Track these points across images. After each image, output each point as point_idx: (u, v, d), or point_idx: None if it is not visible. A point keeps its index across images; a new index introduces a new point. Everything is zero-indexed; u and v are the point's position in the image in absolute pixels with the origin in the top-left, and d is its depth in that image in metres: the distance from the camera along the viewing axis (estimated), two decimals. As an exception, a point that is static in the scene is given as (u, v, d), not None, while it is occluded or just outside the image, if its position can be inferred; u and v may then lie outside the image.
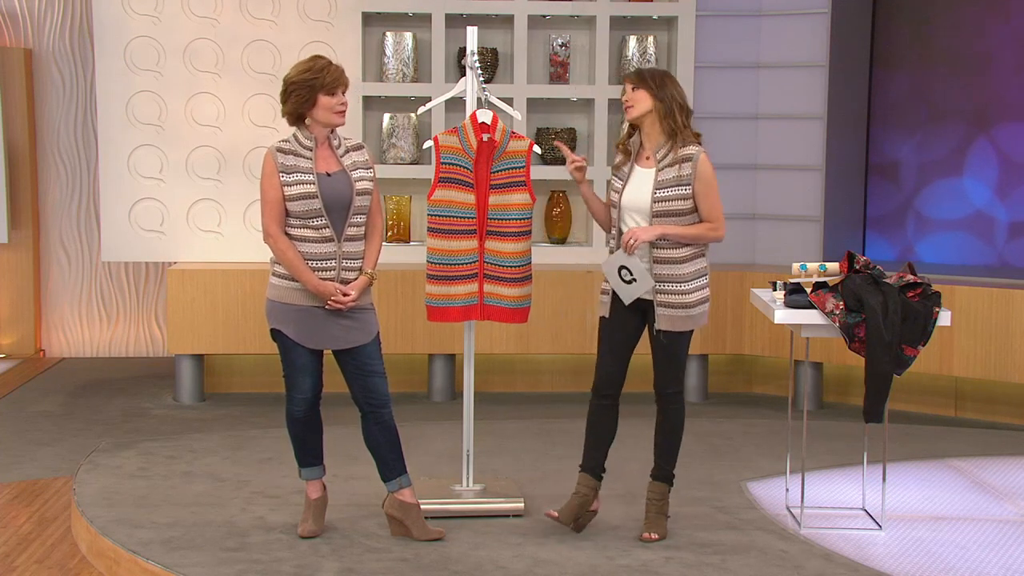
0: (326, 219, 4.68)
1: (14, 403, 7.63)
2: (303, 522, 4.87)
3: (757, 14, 8.14)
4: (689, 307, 4.75)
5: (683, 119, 4.77)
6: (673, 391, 4.87)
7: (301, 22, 7.84)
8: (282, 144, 4.73)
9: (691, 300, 4.76)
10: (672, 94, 4.75)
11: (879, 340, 4.82)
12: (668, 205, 4.73)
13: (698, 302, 4.78)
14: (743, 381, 8.23)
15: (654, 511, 4.90)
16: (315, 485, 4.90)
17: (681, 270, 4.75)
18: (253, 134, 7.85)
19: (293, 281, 4.72)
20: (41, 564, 4.90)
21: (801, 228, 8.07)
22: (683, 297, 4.75)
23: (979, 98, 7.90)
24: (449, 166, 5.08)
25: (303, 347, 4.74)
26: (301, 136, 4.72)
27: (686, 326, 4.78)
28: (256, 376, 7.95)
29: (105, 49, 7.77)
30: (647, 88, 4.76)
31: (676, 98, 4.76)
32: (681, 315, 4.75)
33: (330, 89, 4.66)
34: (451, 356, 7.79)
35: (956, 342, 7.17)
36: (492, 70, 7.97)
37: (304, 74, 4.65)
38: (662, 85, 4.76)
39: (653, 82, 4.77)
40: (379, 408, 4.80)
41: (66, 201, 9.08)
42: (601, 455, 4.95)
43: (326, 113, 4.67)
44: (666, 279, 4.75)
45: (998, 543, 5.00)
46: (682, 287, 4.75)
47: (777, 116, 8.15)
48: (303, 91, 4.64)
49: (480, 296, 5.13)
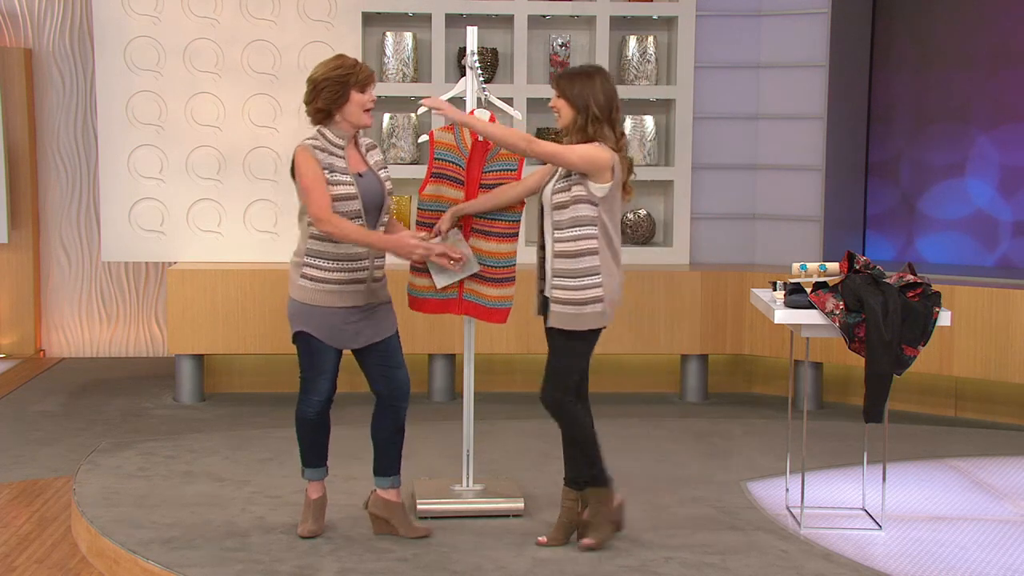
0: (364, 220, 4.66)
1: (14, 403, 7.63)
2: (303, 522, 4.87)
3: (757, 14, 8.14)
4: (578, 304, 4.58)
5: (596, 127, 4.58)
6: (557, 396, 4.66)
7: (301, 22, 7.84)
8: (313, 141, 4.65)
9: (580, 297, 4.57)
10: (586, 96, 4.57)
11: (879, 340, 4.82)
12: (558, 197, 4.63)
13: (588, 300, 4.57)
14: (743, 381, 8.23)
15: (591, 516, 4.73)
16: (317, 485, 4.90)
17: (564, 265, 4.58)
18: (253, 134, 7.85)
19: (321, 283, 4.65)
20: (41, 564, 4.90)
21: (801, 228, 8.07)
22: (571, 293, 4.58)
23: (979, 97, 7.90)
24: (442, 162, 5.08)
25: (331, 349, 4.72)
26: (331, 134, 4.67)
27: (566, 324, 4.59)
28: (256, 376, 7.96)
29: (105, 49, 7.77)
30: (562, 95, 4.62)
31: (591, 102, 4.56)
32: (570, 312, 4.59)
33: (363, 85, 4.65)
34: (451, 356, 7.79)
35: (956, 342, 7.17)
36: (492, 70, 7.97)
37: (336, 70, 4.63)
38: (572, 87, 4.59)
39: (569, 86, 4.60)
40: (400, 401, 4.81)
41: (66, 201, 9.08)
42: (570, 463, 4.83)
43: (357, 110, 4.65)
44: (556, 273, 4.60)
45: (998, 543, 5.00)
46: (570, 282, 4.58)
47: (777, 116, 8.15)
48: (336, 87, 4.61)
49: (460, 291, 5.13)
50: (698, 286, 7.78)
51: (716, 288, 7.80)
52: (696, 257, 8.20)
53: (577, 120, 4.60)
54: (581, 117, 4.59)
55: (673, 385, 8.10)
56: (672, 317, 7.77)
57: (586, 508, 4.81)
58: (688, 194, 8.11)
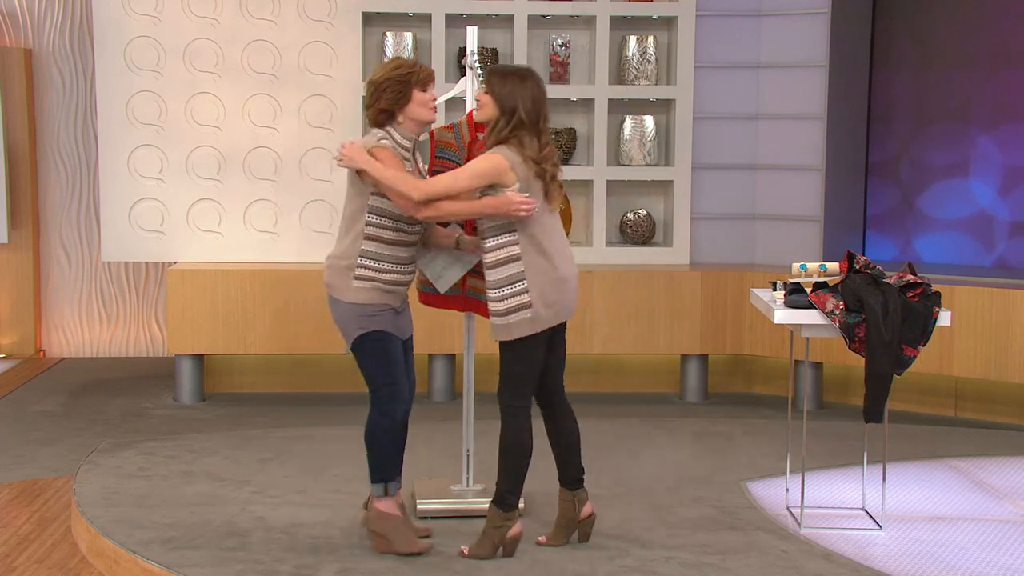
0: (420, 225, 4.72)
1: (14, 403, 7.63)
2: (410, 543, 4.67)
3: (757, 14, 8.14)
4: (504, 315, 4.53)
5: (516, 132, 4.51)
6: (502, 403, 4.61)
7: (301, 22, 7.84)
8: (384, 142, 4.66)
9: (506, 307, 4.53)
10: (515, 99, 4.50)
11: (879, 340, 4.82)
12: None
13: (514, 309, 4.52)
14: (743, 381, 8.23)
15: (485, 528, 4.67)
16: (398, 497, 4.79)
17: (491, 276, 4.56)
18: (253, 134, 7.85)
19: (376, 283, 4.64)
20: (41, 564, 4.90)
21: (801, 228, 8.07)
22: (496, 304, 4.56)
23: (979, 97, 7.90)
24: (442, 160, 5.09)
25: (399, 344, 4.74)
26: (398, 136, 4.70)
27: (499, 336, 4.57)
28: (256, 376, 7.96)
29: (105, 49, 7.77)
30: (491, 91, 4.57)
31: (519, 105, 4.49)
32: (499, 324, 4.56)
33: (424, 84, 4.69)
34: (451, 356, 7.79)
35: (956, 342, 7.17)
36: (492, 70, 7.96)
37: (397, 70, 4.66)
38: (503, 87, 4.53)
39: (500, 85, 4.53)
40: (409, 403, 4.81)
41: (66, 201, 9.08)
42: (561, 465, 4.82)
43: (420, 108, 4.68)
44: (488, 287, 4.58)
45: (998, 543, 5.00)
46: (494, 293, 4.56)
47: (777, 116, 8.15)
48: (398, 87, 4.64)
49: (463, 288, 5.14)
50: (698, 286, 7.78)
51: (716, 288, 7.80)
52: (696, 257, 8.20)
53: (499, 121, 4.54)
54: (504, 119, 4.53)
55: (673, 385, 8.10)
56: (672, 317, 7.77)
57: (582, 507, 4.80)
58: (688, 194, 8.11)
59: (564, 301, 4.62)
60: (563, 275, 4.62)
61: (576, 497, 4.80)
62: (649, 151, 8.13)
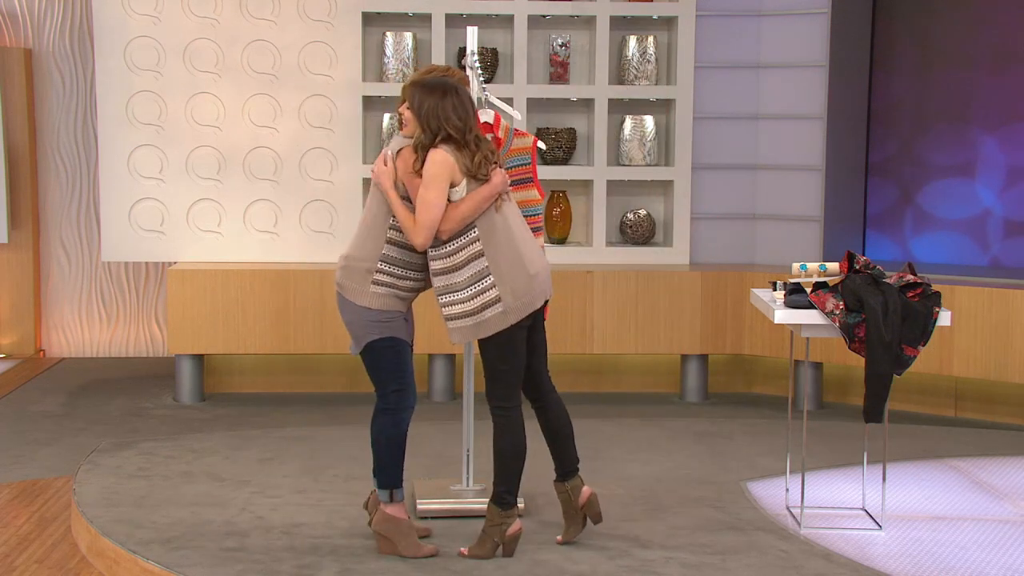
0: None
1: (14, 403, 7.63)
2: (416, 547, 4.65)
3: (757, 14, 8.14)
4: (475, 314, 4.54)
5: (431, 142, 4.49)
6: (492, 404, 4.61)
7: (301, 22, 7.84)
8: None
9: (475, 306, 4.53)
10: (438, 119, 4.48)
11: (879, 340, 4.82)
12: None
13: (483, 306, 4.51)
14: (743, 381, 8.23)
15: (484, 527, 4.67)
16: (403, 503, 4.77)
17: (455, 278, 4.54)
18: (253, 134, 7.85)
19: (393, 288, 4.63)
20: (41, 564, 4.90)
21: (801, 228, 8.07)
22: (465, 305, 4.54)
23: (980, 98, 7.90)
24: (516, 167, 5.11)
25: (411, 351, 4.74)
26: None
27: (468, 337, 4.56)
28: (256, 376, 7.96)
29: (105, 49, 7.77)
30: (411, 108, 4.57)
31: (444, 125, 4.47)
32: (470, 324, 4.55)
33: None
34: (451, 356, 7.79)
35: (956, 342, 7.17)
36: (492, 70, 7.97)
37: (430, 74, 4.75)
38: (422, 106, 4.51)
39: (420, 103, 4.52)
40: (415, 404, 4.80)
41: (66, 201, 9.08)
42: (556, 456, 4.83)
43: None
44: (443, 291, 4.57)
45: (998, 543, 5.00)
46: (461, 295, 4.54)
47: (777, 116, 8.15)
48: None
49: None
50: (698, 286, 7.78)
51: (716, 288, 7.81)
52: (696, 257, 8.20)
53: (423, 137, 4.52)
54: (427, 137, 4.51)
55: (673, 385, 8.10)
56: (672, 317, 7.77)
57: (579, 493, 4.78)
58: (688, 194, 8.11)
59: (533, 290, 4.58)
60: (528, 263, 4.58)
61: (570, 486, 4.79)
62: (649, 151, 8.13)
